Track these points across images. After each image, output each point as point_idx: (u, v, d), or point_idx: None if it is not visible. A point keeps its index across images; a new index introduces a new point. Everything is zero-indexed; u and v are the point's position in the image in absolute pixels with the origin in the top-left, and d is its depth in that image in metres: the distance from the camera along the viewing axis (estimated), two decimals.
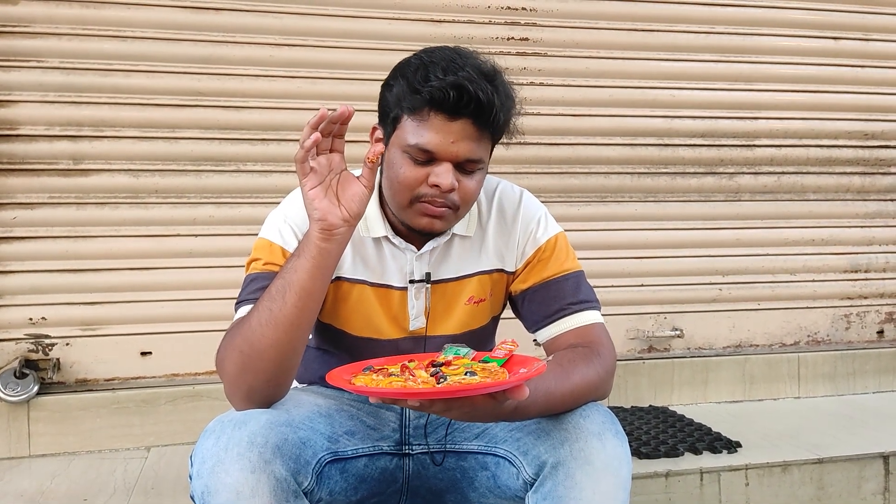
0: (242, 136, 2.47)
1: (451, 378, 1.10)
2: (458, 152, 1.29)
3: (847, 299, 3.06)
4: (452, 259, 1.47)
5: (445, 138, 1.28)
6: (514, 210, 1.51)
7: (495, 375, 1.13)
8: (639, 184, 2.83)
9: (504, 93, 1.32)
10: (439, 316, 1.47)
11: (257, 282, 1.34)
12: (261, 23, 2.47)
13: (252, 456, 1.11)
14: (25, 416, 2.27)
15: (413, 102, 1.28)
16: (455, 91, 1.25)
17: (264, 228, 1.42)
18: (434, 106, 1.27)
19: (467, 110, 1.26)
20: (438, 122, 1.28)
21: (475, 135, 1.30)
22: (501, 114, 1.30)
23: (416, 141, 1.29)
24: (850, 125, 3.02)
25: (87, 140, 2.36)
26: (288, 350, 1.23)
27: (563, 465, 1.20)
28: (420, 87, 1.27)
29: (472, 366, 1.16)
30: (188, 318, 2.43)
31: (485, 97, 1.26)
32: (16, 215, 2.32)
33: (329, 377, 1.14)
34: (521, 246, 1.49)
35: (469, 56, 1.31)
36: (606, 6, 2.76)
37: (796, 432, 2.45)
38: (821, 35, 2.96)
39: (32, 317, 2.34)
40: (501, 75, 1.33)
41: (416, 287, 1.44)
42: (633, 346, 2.84)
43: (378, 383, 1.11)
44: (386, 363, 1.24)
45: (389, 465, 1.40)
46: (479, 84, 1.26)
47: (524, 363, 1.17)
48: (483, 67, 1.30)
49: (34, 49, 2.31)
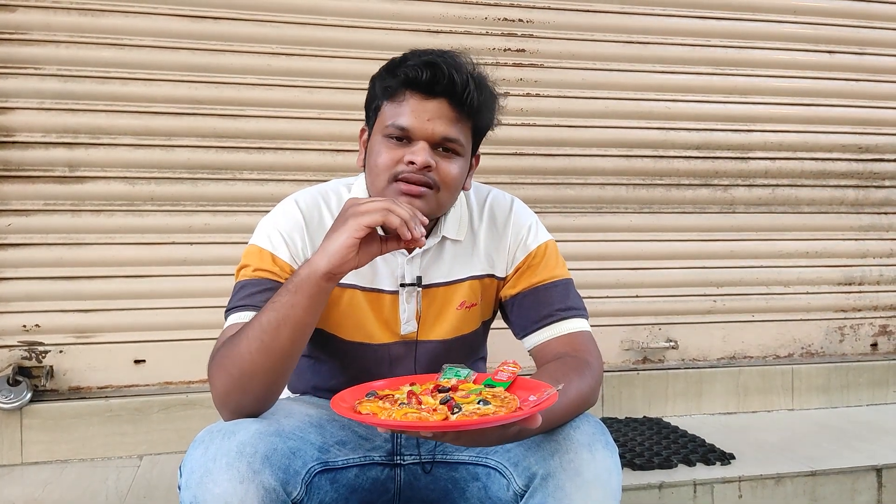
0: (239, 145, 2.47)
1: (465, 407, 1.09)
2: (433, 130, 1.32)
3: (841, 312, 3.06)
4: (444, 263, 1.47)
5: (421, 116, 1.31)
6: (506, 216, 1.52)
7: (507, 402, 1.12)
8: (634, 195, 2.84)
9: (481, 81, 1.36)
10: (431, 320, 1.47)
11: (247, 288, 1.35)
12: (258, 32, 2.47)
13: (241, 466, 1.11)
14: (18, 424, 2.27)
15: (390, 84, 1.34)
16: (430, 69, 1.30)
17: (254, 235, 1.43)
18: (409, 86, 1.32)
19: (441, 88, 1.31)
20: (414, 102, 1.32)
21: (451, 115, 1.33)
22: (477, 95, 1.33)
23: (392, 120, 1.32)
24: (845, 138, 3.04)
25: (83, 147, 2.36)
26: (279, 375, 1.24)
27: (553, 476, 1.20)
28: (396, 69, 1.33)
29: (481, 391, 1.16)
30: (182, 326, 2.43)
31: (458, 77, 1.30)
32: (11, 222, 2.32)
33: (334, 405, 1.13)
34: (512, 252, 1.50)
35: (452, 52, 1.36)
36: (602, 18, 2.78)
37: (790, 444, 2.45)
38: (815, 49, 2.98)
39: (26, 324, 2.34)
40: (482, 71, 1.38)
41: (408, 291, 1.45)
42: (628, 358, 2.84)
43: (391, 413, 1.10)
44: (389, 387, 1.23)
45: (381, 476, 1.40)
46: (453, 66, 1.31)
47: (530, 388, 1.17)
48: (463, 57, 1.35)
49: (31, 56, 2.32)
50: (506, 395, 1.15)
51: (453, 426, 1.04)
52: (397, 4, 2.59)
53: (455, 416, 1.07)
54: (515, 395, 1.15)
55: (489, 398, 1.13)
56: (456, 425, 1.04)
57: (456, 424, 1.04)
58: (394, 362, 1.47)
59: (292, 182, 2.47)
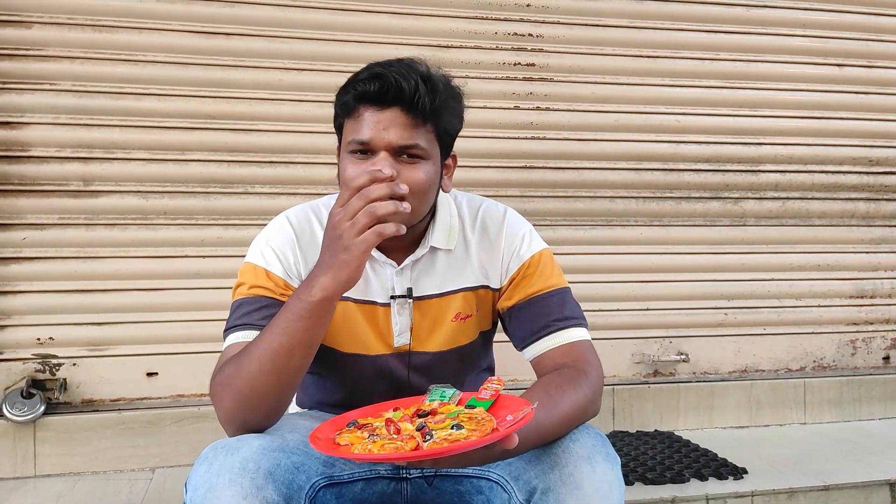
0: (251, 159, 2.50)
1: (437, 434, 1.08)
2: (390, 139, 1.31)
3: (853, 325, 3.05)
4: (436, 275, 1.46)
5: (377, 127, 1.31)
6: (498, 227, 1.50)
7: (482, 424, 1.11)
8: (644, 208, 2.84)
9: (433, 84, 1.34)
10: (424, 332, 1.46)
11: (244, 307, 1.36)
12: (270, 47, 2.50)
13: (244, 482, 1.11)
14: (32, 437, 2.28)
15: (347, 102, 1.34)
16: (377, 81, 1.30)
17: (249, 253, 1.44)
18: (362, 100, 1.32)
19: (391, 97, 1.30)
20: (368, 115, 1.32)
21: (407, 122, 1.32)
22: (428, 98, 1.32)
23: (352, 136, 1.33)
24: (855, 151, 3.03)
25: (97, 162, 2.39)
26: (289, 392, 1.25)
27: (553, 490, 1.19)
28: (349, 86, 1.34)
29: (457, 415, 1.15)
30: (195, 339, 2.44)
31: (407, 84, 1.30)
32: (25, 236, 2.34)
33: (312, 440, 1.12)
34: (506, 262, 1.48)
35: (408, 61, 1.36)
36: (612, 32, 2.79)
37: (802, 459, 2.44)
38: (825, 62, 2.99)
39: (40, 337, 2.35)
40: (437, 74, 1.37)
41: (399, 303, 1.44)
42: (639, 371, 2.84)
43: (365, 444, 1.09)
44: (371, 414, 1.23)
45: (387, 490, 1.39)
46: (399, 72, 1.30)
47: (511, 406, 1.16)
48: (417, 66, 1.35)
49: (47, 72, 2.35)
50: (482, 417, 1.14)
51: (421, 455, 1.04)
52: (407, 20, 2.61)
53: (427, 443, 1.06)
54: (493, 416, 1.14)
55: (464, 421, 1.11)
56: (424, 454, 1.04)
57: (424, 454, 1.04)
58: (392, 372, 1.47)
59: (303, 195, 2.49)
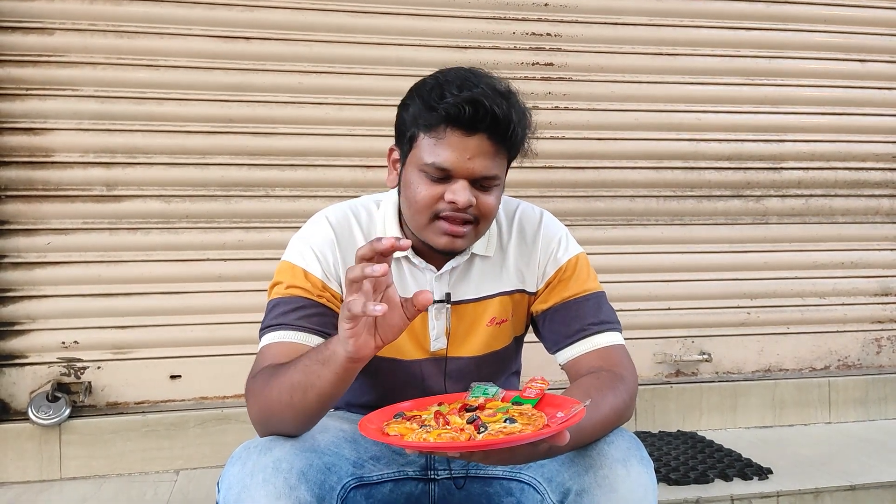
0: (271, 162, 2.51)
1: (491, 426, 1.09)
2: (474, 169, 1.29)
3: (878, 323, 3.02)
4: (473, 279, 1.46)
5: (462, 155, 1.28)
6: (535, 230, 1.50)
7: (533, 420, 1.11)
8: (665, 207, 2.82)
9: (519, 110, 1.32)
10: (461, 337, 1.46)
11: (280, 306, 1.35)
12: (290, 51, 2.51)
13: (277, 482, 1.12)
14: (57, 440, 2.30)
15: (429, 120, 1.29)
16: (471, 106, 1.25)
17: (287, 252, 1.42)
18: (450, 122, 1.27)
19: (483, 125, 1.27)
20: (455, 139, 1.28)
21: (491, 151, 1.30)
22: (518, 129, 1.31)
23: (432, 160, 1.29)
24: (879, 147, 3.00)
25: (120, 167, 2.41)
26: (307, 424, 1.24)
27: (588, 492, 1.19)
28: (436, 105, 1.27)
29: (508, 409, 1.15)
30: (217, 341, 2.46)
31: (500, 112, 1.26)
32: (50, 241, 2.37)
33: (362, 427, 1.12)
34: (542, 266, 1.48)
35: (483, 75, 1.32)
36: (630, 31, 2.78)
37: (828, 458, 2.41)
38: (847, 58, 2.96)
39: (65, 340, 2.38)
40: (516, 95, 1.34)
41: (437, 307, 1.44)
42: (661, 371, 2.82)
43: (421, 434, 1.09)
44: (416, 407, 1.23)
45: (415, 491, 1.40)
46: (494, 99, 1.27)
47: (559, 404, 1.16)
48: (497, 86, 1.31)
49: (70, 78, 2.37)
50: (533, 413, 1.14)
51: (479, 445, 1.04)
52: (425, 21, 2.62)
53: (481, 435, 1.07)
54: (543, 413, 1.15)
55: (516, 416, 1.12)
56: (482, 444, 1.04)
57: (482, 444, 1.04)
58: (425, 379, 1.46)
59: (324, 198, 2.50)
